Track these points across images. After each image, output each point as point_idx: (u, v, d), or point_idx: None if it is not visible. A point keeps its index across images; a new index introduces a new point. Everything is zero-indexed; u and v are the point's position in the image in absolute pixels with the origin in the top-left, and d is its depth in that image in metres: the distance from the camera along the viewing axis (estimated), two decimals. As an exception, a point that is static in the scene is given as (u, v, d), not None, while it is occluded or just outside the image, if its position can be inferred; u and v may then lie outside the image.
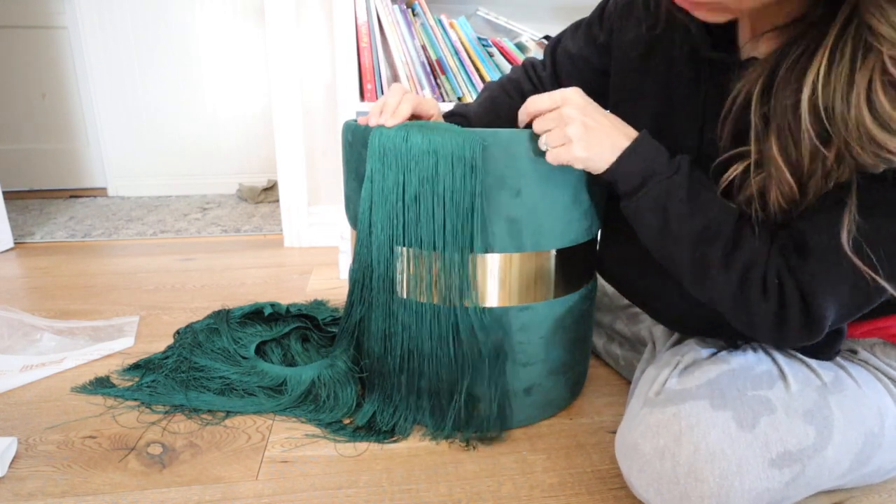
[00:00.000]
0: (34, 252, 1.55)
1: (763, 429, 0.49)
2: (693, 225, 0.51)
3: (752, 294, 0.49)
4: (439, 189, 0.60)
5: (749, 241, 0.50)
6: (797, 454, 0.48)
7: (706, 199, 0.52)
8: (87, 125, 2.42)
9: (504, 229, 0.62)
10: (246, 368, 0.83)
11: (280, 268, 1.43)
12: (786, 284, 0.48)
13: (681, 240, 0.52)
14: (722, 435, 0.48)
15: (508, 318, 0.66)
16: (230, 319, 0.95)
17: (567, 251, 0.67)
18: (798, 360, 0.56)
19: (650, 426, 0.51)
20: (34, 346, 0.92)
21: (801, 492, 0.50)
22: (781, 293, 0.48)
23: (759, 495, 0.47)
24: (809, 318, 0.47)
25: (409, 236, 0.63)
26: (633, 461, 0.52)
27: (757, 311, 0.49)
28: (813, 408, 0.51)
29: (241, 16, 2.39)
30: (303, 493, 0.60)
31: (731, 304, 0.50)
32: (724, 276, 0.50)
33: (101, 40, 2.32)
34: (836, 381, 0.54)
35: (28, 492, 0.60)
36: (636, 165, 0.54)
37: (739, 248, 0.50)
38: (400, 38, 1.28)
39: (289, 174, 1.59)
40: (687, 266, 0.52)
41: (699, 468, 0.47)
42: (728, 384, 0.52)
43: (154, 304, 1.15)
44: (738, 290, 0.50)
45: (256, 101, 2.51)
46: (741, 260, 0.49)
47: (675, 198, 0.52)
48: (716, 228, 0.51)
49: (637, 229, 0.56)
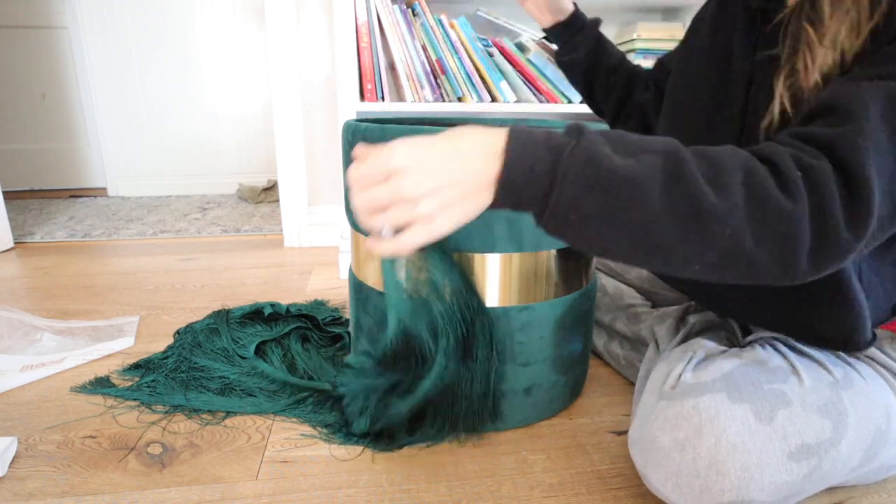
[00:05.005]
0: (34, 252, 1.55)
1: (781, 422, 0.48)
2: (646, 169, 0.38)
3: (769, 202, 0.38)
4: None
5: (730, 150, 0.41)
6: (815, 447, 0.48)
7: (638, 138, 0.41)
8: (87, 125, 2.42)
9: (504, 229, 0.62)
10: (246, 369, 0.83)
11: (280, 268, 1.43)
12: (813, 167, 0.38)
13: (644, 201, 0.38)
14: (742, 428, 0.47)
15: (508, 318, 0.66)
16: (230, 319, 0.95)
17: (567, 251, 0.67)
18: (808, 357, 0.56)
19: (668, 419, 0.51)
20: (34, 346, 0.92)
21: (816, 486, 0.50)
22: (810, 178, 0.38)
23: (777, 489, 0.47)
24: (854, 193, 0.38)
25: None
26: (649, 455, 0.51)
27: (787, 220, 0.38)
28: (827, 403, 0.51)
29: (241, 16, 2.39)
30: (303, 493, 0.60)
31: (752, 237, 0.38)
32: (723, 201, 0.38)
33: (101, 40, 2.32)
34: (846, 377, 0.54)
35: (28, 492, 0.60)
36: (531, 153, 0.39)
37: (721, 159, 0.40)
38: (400, 38, 1.28)
39: (289, 174, 1.59)
40: (673, 229, 0.38)
41: (721, 461, 0.46)
42: (743, 377, 0.52)
43: (154, 304, 1.15)
44: (748, 211, 0.38)
45: (256, 100, 2.51)
46: (733, 169, 0.39)
47: (603, 156, 0.38)
48: (675, 156, 0.39)
49: (583, 241, 0.41)
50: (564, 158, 0.38)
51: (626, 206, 0.38)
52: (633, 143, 0.40)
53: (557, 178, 0.38)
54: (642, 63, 1.45)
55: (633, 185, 0.38)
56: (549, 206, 0.39)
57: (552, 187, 0.38)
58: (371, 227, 0.42)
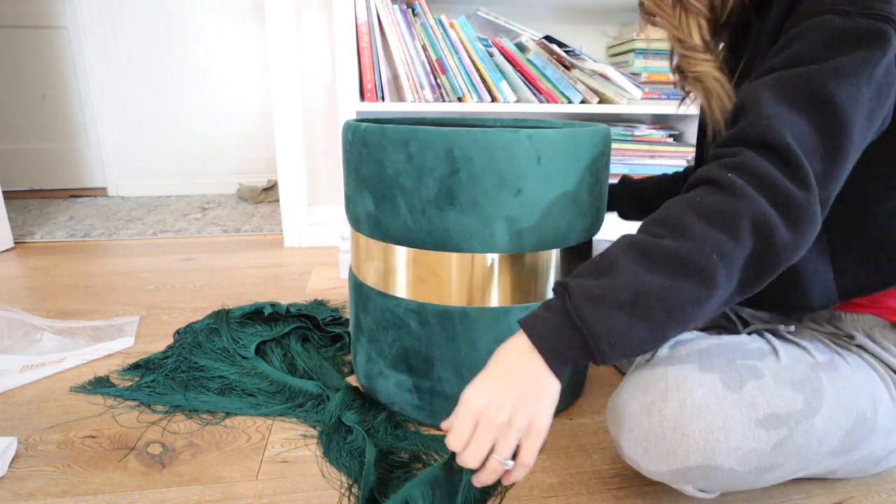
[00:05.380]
0: (34, 252, 1.55)
1: (749, 391, 0.49)
2: (626, 270, 0.43)
3: (722, 213, 0.43)
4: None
5: (668, 204, 0.46)
6: (784, 417, 0.49)
7: (600, 256, 0.46)
8: (87, 125, 2.42)
9: (504, 229, 0.62)
10: (246, 369, 0.83)
11: (280, 268, 1.43)
12: (739, 162, 0.44)
13: (645, 289, 0.43)
14: (708, 393, 0.48)
15: (508, 318, 0.66)
16: (230, 319, 0.95)
17: (567, 251, 0.67)
18: (794, 343, 0.57)
19: (638, 385, 0.52)
20: (34, 346, 0.92)
21: (791, 460, 0.50)
22: (743, 170, 0.43)
23: (745, 455, 0.48)
24: (781, 158, 0.43)
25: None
26: (622, 421, 0.52)
27: (745, 213, 0.42)
28: (802, 379, 0.51)
29: (241, 16, 2.39)
30: (303, 493, 0.60)
31: (732, 244, 0.42)
32: (690, 240, 0.43)
33: (101, 40, 2.32)
34: (830, 362, 0.54)
35: (28, 492, 0.60)
36: (545, 329, 0.45)
37: (666, 216, 0.45)
38: (400, 38, 1.28)
39: (289, 174, 1.59)
40: (681, 286, 0.43)
41: (685, 422, 0.48)
42: (717, 353, 0.53)
43: (154, 304, 1.15)
44: (713, 229, 0.43)
45: (256, 100, 2.51)
46: (680, 214, 0.44)
47: (594, 287, 0.44)
48: (634, 245, 0.45)
49: (643, 344, 0.45)
50: (571, 314, 0.44)
51: (637, 303, 0.43)
52: (602, 263, 0.45)
53: (579, 327, 0.44)
54: (640, 62, 1.45)
55: (629, 287, 0.43)
56: (597, 349, 0.44)
57: (584, 338, 0.44)
58: (496, 469, 0.46)
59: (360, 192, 0.68)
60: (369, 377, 0.76)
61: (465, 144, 0.59)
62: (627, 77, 1.40)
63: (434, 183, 0.61)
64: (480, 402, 0.45)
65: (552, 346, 0.45)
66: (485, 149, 0.59)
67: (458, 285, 0.65)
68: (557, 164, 0.61)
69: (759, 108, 0.45)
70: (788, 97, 0.45)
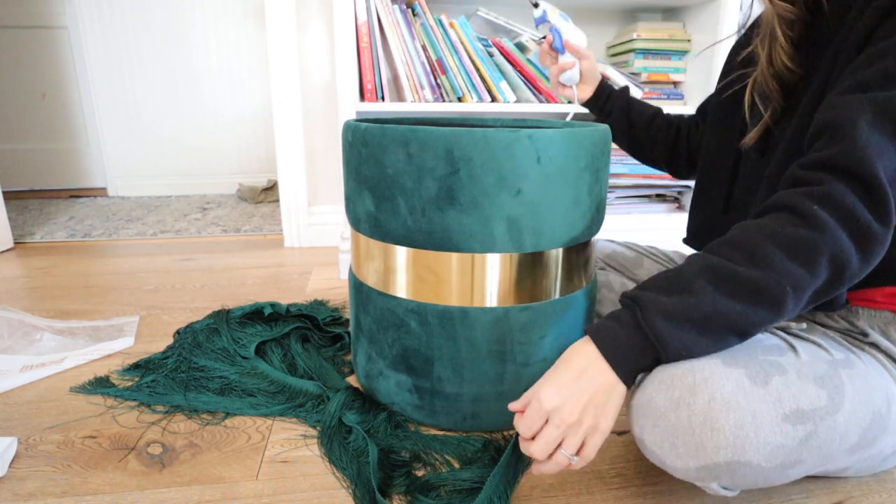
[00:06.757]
0: (34, 252, 1.55)
1: (775, 386, 0.49)
2: (700, 293, 0.48)
3: (802, 245, 0.45)
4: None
5: (743, 227, 0.49)
6: (810, 413, 0.48)
7: (674, 273, 0.50)
8: (87, 125, 2.42)
9: (504, 229, 0.62)
10: (246, 369, 0.83)
11: (280, 268, 1.43)
12: (825, 194, 0.45)
13: (720, 315, 0.47)
14: (736, 387, 0.48)
15: (508, 318, 0.66)
16: (230, 319, 0.95)
17: (567, 251, 0.67)
18: (809, 341, 0.57)
19: (663, 380, 0.51)
20: (34, 346, 0.92)
21: (813, 456, 0.50)
22: (828, 202, 0.45)
23: (773, 451, 0.47)
24: (869, 191, 0.45)
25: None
26: (647, 417, 0.51)
27: (824, 246, 0.45)
28: (824, 375, 0.51)
29: (241, 16, 2.39)
30: (303, 493, 0.60)
31: (808, 276, 0.46)
32: (769, 271, 0.46)
33: (101, 40, 2.32)
34: (846, 359, 0.54)
35: (28, 492, 0.60)
36: (611, 340, 0.51)
37: (744, 240, 0.48)
38: (400, 38, 1.28)
39: (289, 174, 1.59)
40: (753, 312, 0.47)
41: (715, 417, 0.47)
42: (738, 349, 0.52)
43: (154, 304, 1.15)
44: (793, 262, 0.46)
45: (256, 100, 2.51)
46: (758, 242, 0.47)
47: (668, 303, 0.48)
48: (710, 268, 0.48)
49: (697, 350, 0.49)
50: (644, 327, 0.49)
51: (709, 322, 0.48)
52: (675, 280, 0.49)
53: (651, 340, 0.49)
54: (640, 62, 1.45)
55: (704, 308, 0.47)
56: (667, 361, 0.49)
57: (656, 351, 0.49)
58: (561, 463, 0.51)
59: (360, 192, 0.68)
60: (369, 377, 0.76)
61: (464, 144, 0.59)
62: (627, 77, 1.41)
63: (434, 183, 0.61)
64: (554, 403, 0.50)
65: (622, 356, 0.50)
66: (485, 149, 0.59)
67: (458, 285, 0.65)
68: (557, 164, 0.62)
69: (853, 135, 0.45)
70: (881, 125, 0.45)
